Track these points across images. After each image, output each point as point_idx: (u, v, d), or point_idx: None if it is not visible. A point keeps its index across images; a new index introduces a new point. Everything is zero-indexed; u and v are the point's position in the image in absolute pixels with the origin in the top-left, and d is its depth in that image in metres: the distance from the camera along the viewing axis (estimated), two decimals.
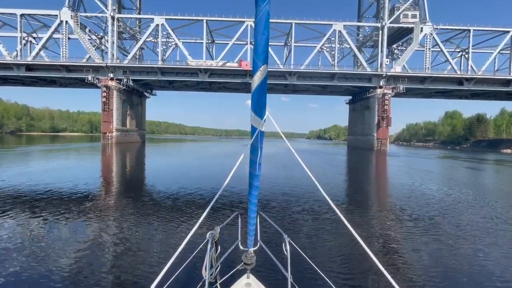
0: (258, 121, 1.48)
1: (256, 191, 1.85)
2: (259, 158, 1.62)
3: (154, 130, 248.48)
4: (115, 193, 9.54)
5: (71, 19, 45.62)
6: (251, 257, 2.14)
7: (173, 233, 5.60)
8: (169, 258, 1.44)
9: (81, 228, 5.80)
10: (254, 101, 1.44)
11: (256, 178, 1.74)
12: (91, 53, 45.96)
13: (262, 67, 1.34)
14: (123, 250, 4.67)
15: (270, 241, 4.63)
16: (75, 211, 6.92)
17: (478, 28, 49.20)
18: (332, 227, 6.15)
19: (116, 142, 46.76)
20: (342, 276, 3.96)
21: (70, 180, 11.12)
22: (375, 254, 1.31)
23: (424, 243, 5.38)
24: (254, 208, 1.99)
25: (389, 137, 51.43)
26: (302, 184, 11.55)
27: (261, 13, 1.21)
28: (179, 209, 7.37)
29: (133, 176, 14.10)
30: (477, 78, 47.61)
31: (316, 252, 4.78)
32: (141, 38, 50.73)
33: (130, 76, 47.23)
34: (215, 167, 18.01)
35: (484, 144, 70.98)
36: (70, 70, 46.82)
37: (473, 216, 7.44)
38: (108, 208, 7.34)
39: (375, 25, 49.06)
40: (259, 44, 1.30)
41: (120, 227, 5.89)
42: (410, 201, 9.08)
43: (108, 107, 45.87)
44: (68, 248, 4.70)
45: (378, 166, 22.78)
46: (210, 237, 1.87)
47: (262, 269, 3.56)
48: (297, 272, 3.67)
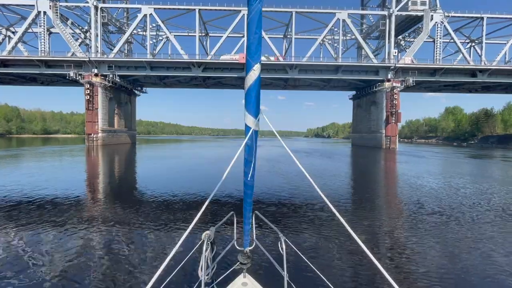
0: (252, 120, 1.46)
1: (251, 190, 1.83)
2: (253, 157, 1.60)
3: (150, 130, 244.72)
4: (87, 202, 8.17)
5: (49, 10, 41.45)
6: (247, 257, 2.16)
7: (167, 234, 5.31)
8: (164, 259, 1.40)
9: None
10: (248, 100, 1.42)
11: (251, 177, 1.72)
12: (72, 47, 41.82)
13: (256, 66, 1.34)
14: (114, 254, 4.45)
15: (266, 240, 4.55)
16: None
17: (492, 16, 45.74)
18: (329, 225, 6.00)
19: (103, 144, 42.79)
20: (338, 274, 3.88)
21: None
22: (371, 252, 1.32)
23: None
24: (249, 208, 1.99)
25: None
26: (298, 184, 11.14)
27: (253, 12, 1.20)
28: (172, 211, 7.09)
29: (114, 185, 10.87)
30: (492, 69, 44.18)
31: (312, 250, 4.64)
32: (130, 33, 46.61)
33: (116, 72, 43.16)
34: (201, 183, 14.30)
35: (494, 140, 67.77)
36: (50, 65, 42.66)
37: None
38: (92, 217, 6.57)
39: (382, 13, 45.39)
40: (252, 43, 1.29)
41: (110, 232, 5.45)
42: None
43: (92, 105, 41.83)
44: (56, 257, 4.30)
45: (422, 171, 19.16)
46: (206, 238, 1.86)
47: (258, 268, 3.61)
48: (293, 270, 3.73)
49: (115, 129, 48.14)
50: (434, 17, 44.24)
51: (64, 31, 42.14)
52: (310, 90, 59.38)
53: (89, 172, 15.08)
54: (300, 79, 50.13)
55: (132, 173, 15.21)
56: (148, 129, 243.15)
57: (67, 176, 13.24)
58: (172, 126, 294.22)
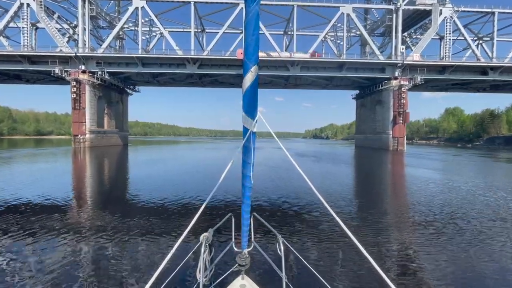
0: (250, 122, 1.46)
1: (249, 192, 1.81)
2: (251, 158, 1.60)
3: (147, 131, 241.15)
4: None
5: (33, 1, 38.52)
6: (245, 258, 2.15)
7: (165, 237, 5.24)
8: (162, 261, 1.40)
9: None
10: (246, 102, 1.41)
11: (248, 179, 1.70)
12: (58, 41, 38.82)
13: (253, 68, 1.32)
14: (111, 258, 4.30)
15: (264, 241, 4.56)
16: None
17: (503, 11, 43.50)
18: (327, 227, 5.87)
19: (91, 145, 39.79)
20: (337, 276, 3.81)
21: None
22: (370, 254, 1.23)
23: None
24: (248, 209, 1.97)
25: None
26: (296, 184, 10.93)
27: (251, 14, 1.19)
28: (170, 213, 6.90)
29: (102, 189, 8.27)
30: (505, 67, 41.86)
31: (310, 251, 4.61)
32: (121, 27, 43.68)
33: (105, 69, 40.22)
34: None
35: (500, 141, 65.54)
36: (34, 62, 39.66)
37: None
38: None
39: (388, 7, 42.93)
40: (250, 44, 1.28)
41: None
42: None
43: (79, 104, 38.87)
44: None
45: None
46: (204, 240, 1.86)
47: (257, 270, 3.55)
48: (291, 272, 3.71)
49: (105, 130, 45.13)
50: (443, 11, 41.89)
51: (49, 24, 39.16)
52: (311, 89, 56.74)
53: (59, 179, 12.20)
54: (301, 78, 47.52)
55: (114, 180, 12.40)
56: (145, 130, 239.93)
57: (30, 186, 10.33)
58: (169, 127, 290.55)
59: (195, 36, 44.47)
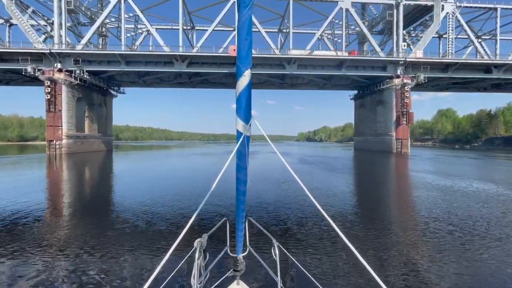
0: (244, 126, 1.45)
1: (244, 196, 1.81)
2: (245, 163, 1.60)
3: (138, 136, 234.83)
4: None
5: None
6: (241, 263, 2.13)
7: (158, 243, 5.05)
8: (156, 268, 1.38)
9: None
10: (239, 106, 1.41)
11: (243, 183, 1.71)
12: (30, 37, 35.05)
13: (246, 72, 1.32)
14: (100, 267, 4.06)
15: (259, 246, 4.39)
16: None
17: (506, 7, 41.97)
18: (322, 232, 5.69)
19: (68, 152, 35.90)
20: (332, 280, 3.69)
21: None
22: (365, 259, 1.25)
23: None
24: (242, 214, 1.96)
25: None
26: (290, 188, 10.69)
27: (243, 18, 1.18)
28: (162, 219, 6.67)
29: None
30: (510, 65, 40.14)
31: (305, 256, 4.48)
32: (102, 22, 40.16)
33: (84, 67, 36.61)
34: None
35: (499, 142, 64.34)
36: (4, 60, 35.75)
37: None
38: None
39: (389, 2, 40.82)
40: (242, 49, 1.27)
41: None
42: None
43: (54, 106, 35.05)
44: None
45: None
46: (198, 245, 1.84)
47: (252, 275, 3.50)
48: (287, 276, 3.64)
49: (85, 134, 41.25)
50: (445, 7, 40.04)
51: (21, 19, 35.41)
52: (308, 89, 54.10)
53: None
54: (298, 77, 44.86)
55: (88, 194, 9.20)
56: (135, 135, 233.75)
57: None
58: (161, 132, 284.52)
59: (184, 32, 41.36)
